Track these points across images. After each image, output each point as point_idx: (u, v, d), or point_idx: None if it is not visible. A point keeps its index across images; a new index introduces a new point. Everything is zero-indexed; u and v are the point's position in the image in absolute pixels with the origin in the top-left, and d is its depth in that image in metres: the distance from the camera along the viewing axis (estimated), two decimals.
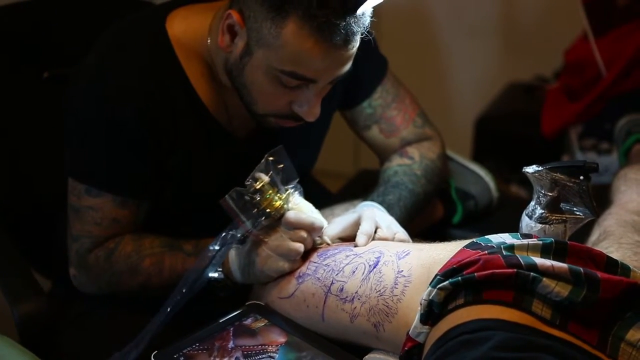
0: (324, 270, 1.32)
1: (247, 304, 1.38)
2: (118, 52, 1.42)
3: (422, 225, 1.66)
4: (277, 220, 1.33)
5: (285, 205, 1.33)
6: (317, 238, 1.38)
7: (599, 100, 2.26)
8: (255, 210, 1.31)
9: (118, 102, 1.39)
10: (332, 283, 1.29)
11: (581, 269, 1.09)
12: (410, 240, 1.39)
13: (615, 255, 1.21)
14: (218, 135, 1.48)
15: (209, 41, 1.42)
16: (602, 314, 1.08)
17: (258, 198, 1.30)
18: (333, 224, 1.41)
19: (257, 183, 1.30)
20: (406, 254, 1.26)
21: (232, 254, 1.38)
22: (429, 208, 1.69)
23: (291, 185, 1.35)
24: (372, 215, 1.39)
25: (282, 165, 1.33)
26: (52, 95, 1.65)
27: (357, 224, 1.39)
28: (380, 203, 1.49)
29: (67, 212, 1.47)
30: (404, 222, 1.46)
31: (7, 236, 1.60)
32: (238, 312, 1.36)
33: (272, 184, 1.32)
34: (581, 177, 1.22)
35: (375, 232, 1.37)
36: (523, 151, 2.45)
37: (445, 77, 3.10)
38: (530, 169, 1.24)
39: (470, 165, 1.82)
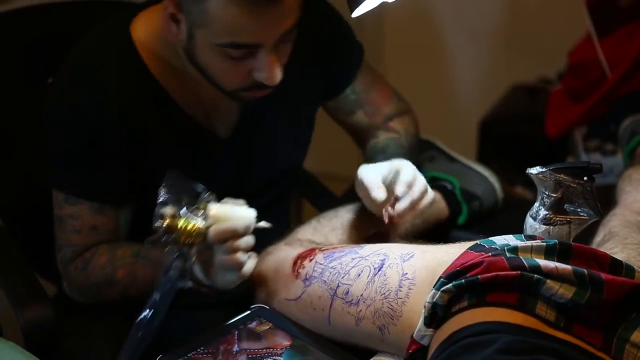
0: (330, 273, 1.32)
1: (251, 307, 1.38)
2: (87, 64, 1.43)
3: (428, 225, 1.67)
4: (206, 238, 1.27)
5: (203, 223, 1.26)
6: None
7: (603, 101, 2.25)
8: (177, 246, 1.25)
9: (89, 112, 1.40)
10: (338, 286, 1.30)
11: (585, 271, 1.09)
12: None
13: (620, 256, 1.21)
14: (197, 135, 1.48)
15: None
16: (607, 315, 1.07)
17: (173, 235, 1.24)
18: (370, 172, 1.45)
19: (164, 221, 1.24)
20: (410, 256, 1.26)
21: (195, 267, 1.33)
22: (435, 209, 1.69)
23: (201, 199, 1.28)
24: (409, 164, 1.43)
25: (181, 187, 1.26)
26: None
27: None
28: None
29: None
30: None
31: (12, 240, 1.60)
32: (243, 315, 1.36)
33: (179, 213, 1.25)
34: (585, 178, 1.22)
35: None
36: (528, 153, 2.45)
37: (449, 79, 3.10)
38: (534, 170, 1.24)
39: (475, 166, 1.81)
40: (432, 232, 1.64)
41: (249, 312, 1.37)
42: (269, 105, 1.50)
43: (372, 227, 1.53)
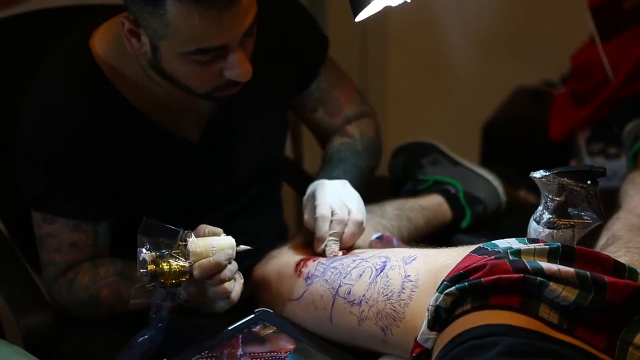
0: (332, 272, 1.33)
1: (255, 310, 1.38)
2: (51, 84, 1.44)
3: (431, 229, 1.67)
4: (192, 274, 1.28)
5: (188, 262, 1.27)
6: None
7: (607, 105, 2.25)
8: (164, 289, 1.26)
9: (55, 131, 1.42)
10: (339, 286, 1.30)
11: (588, 273, 1.09)
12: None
13: (623, 260, 1.21)
14: (167, 142, 1.49)
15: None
16: (610, 318, 1.08)
17: (161, 279, 1.25)
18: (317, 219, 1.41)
19: (146, 268, 1.25)
20: (413, 259, 1.26)
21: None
22: (439, 213, 1.69)
23: (180, 237, 1.28)
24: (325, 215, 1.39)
25: (158, 230, 1.27)
26: None
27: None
28: (329, 180, 1.49)
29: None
30: None
31: (12, 246, 1.60)
32: (247, 319, 1.36)
33: (160, 256, 1.26)
34: (588, 182, 1.22)
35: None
36: (531, 156, 2.44)
37: (452, 82, 3.10)
38: (537, 174, 1.24)
39: (479, 170, 1.82)
40: (435, 236, 1.64)
41: (252, 315, 1.37)
42: (238, 105, 1.50)
43: (374, 231, 1.53)
